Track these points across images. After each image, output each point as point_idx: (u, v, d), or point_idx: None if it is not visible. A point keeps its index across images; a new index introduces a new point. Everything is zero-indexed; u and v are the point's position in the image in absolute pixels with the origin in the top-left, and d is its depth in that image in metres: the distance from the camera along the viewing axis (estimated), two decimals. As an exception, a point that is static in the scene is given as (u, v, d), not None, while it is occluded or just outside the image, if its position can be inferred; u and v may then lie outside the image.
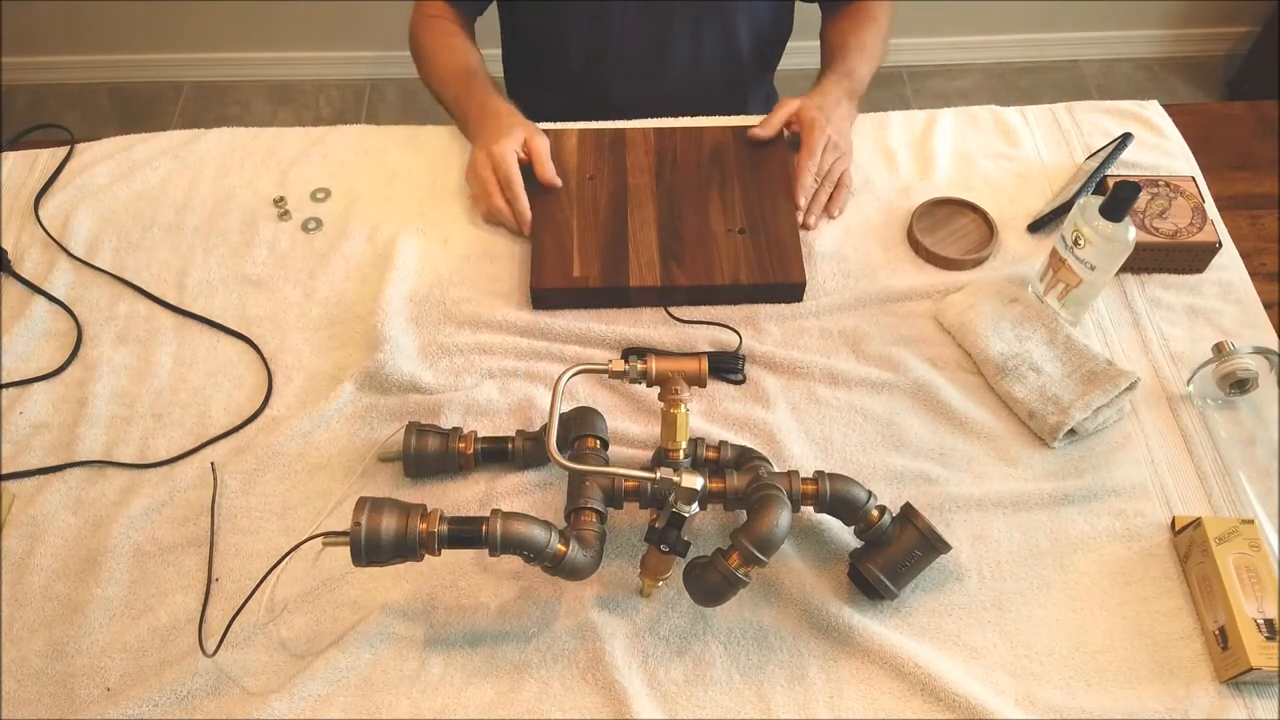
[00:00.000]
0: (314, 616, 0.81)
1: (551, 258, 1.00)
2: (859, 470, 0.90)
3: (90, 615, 0.81)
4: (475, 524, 0.73)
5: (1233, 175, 1.18)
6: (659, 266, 0.99)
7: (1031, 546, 0.86)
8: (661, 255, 1.00)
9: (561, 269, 0.99)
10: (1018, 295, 0.98)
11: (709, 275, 0.99)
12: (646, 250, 1.00)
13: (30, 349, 0.98)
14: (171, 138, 1.17)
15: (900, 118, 1.19)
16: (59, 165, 1.13)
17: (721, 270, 0.99)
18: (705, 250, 1.00)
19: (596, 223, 1.02)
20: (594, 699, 0.77)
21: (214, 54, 2.37)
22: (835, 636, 0.80)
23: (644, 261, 0.99)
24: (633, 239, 1.01)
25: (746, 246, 1.01)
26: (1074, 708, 0.77)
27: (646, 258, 1.00)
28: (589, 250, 1.00)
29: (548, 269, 0.99)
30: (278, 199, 1.09)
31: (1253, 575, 0.78)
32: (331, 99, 2.39)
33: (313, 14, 2.28)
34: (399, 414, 0.93)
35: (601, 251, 1.00)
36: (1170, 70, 2.47)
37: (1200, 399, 0.95)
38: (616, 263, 0.99)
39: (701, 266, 0.99)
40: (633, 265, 0.99)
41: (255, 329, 1.00)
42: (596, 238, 1.01)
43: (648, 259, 0.99)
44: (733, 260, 1.00)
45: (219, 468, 0.89)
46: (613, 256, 1.00)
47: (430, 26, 1.19)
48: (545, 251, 1.00)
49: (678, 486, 0.74)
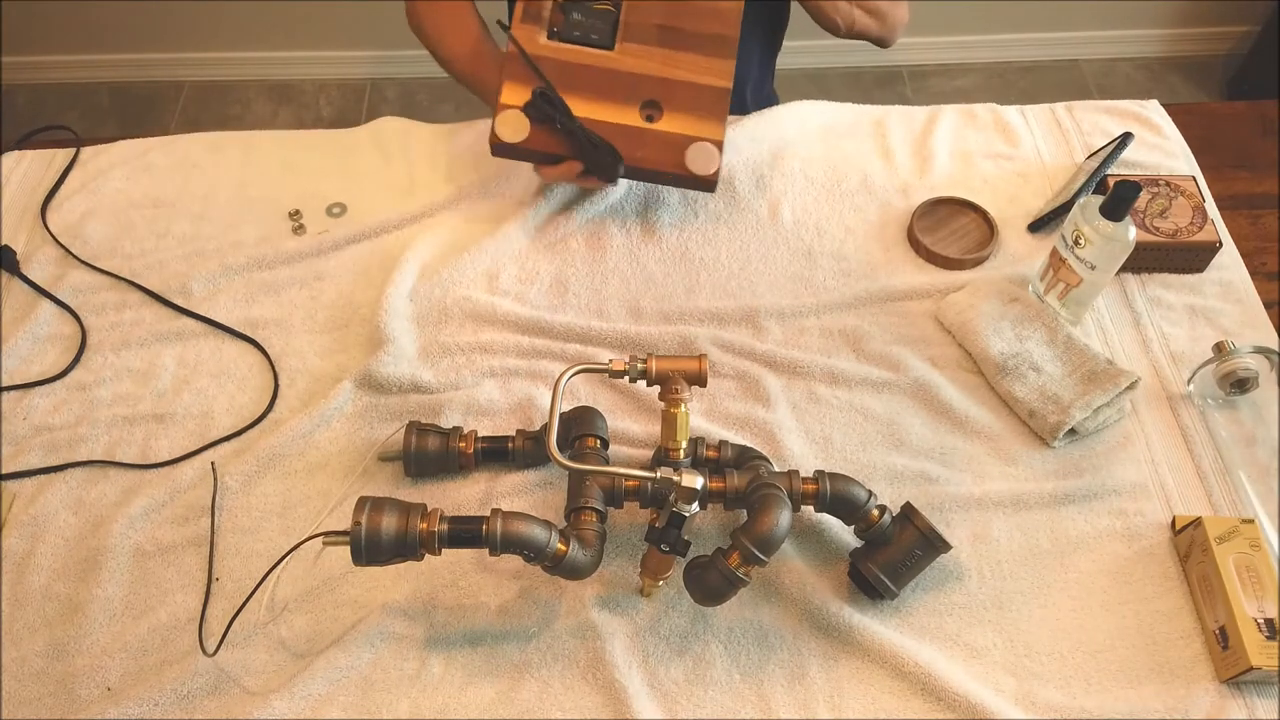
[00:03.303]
0: (314, 616, 0.81)
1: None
2: (859, 470, 0.90)
3: (91, 615, 0.81)
4: (475, 523, 0.73)
5: (1233, 175, 1.18)
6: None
7: (1032, 546, 0.86)
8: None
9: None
10: (1018, 295, 0.98)
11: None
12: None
13: (34, 351, 0.98)
14: (191, 143, 1.16)
15: (900, 117, 1.19)
16: (66, 167, 1.13)
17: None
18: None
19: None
20: (594, 698, 0.77)
21: (214, 54, 2.36)
22: (835, 636, 0.80)
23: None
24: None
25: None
26: (1074, 707, 0.77)
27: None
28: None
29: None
30: (293, 212, 1.09)
31: (1253, 575, 0.78)
32: (331, 99, 2.39)
33: (313, 14, 2.28)
34: (399, 414, 0.93)
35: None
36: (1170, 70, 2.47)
37: (1200, 399, 0.95)
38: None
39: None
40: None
41: (260, 331, 1.00)
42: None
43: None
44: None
45: (219, 468, 0.89)
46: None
47: (431, 7, 1.17)
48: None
49: (678, 486, 0.74)
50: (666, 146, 1.00)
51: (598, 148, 0.97)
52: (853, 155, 1.15)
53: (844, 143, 1.17)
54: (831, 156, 1.15)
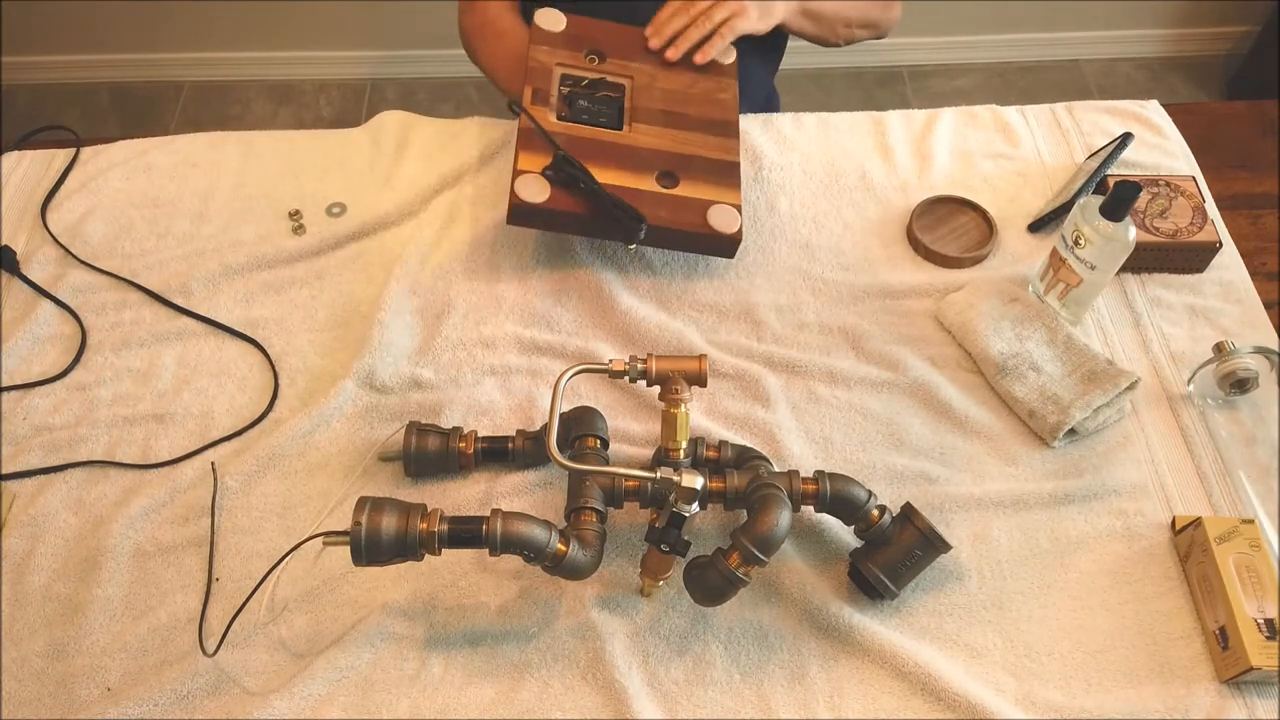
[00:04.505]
0: (314, 616, 0.81)
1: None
2: (859, 470, 0.90)
3: (91, 615, 0.81)
4: (475, 524, 0.73)
5: (1233, 175, 1.18)
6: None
7: (1032, 546, 0.86)
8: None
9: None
10: (1018, 295, 0.98)
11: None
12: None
13: (34, 351, 0.98)
14: (190, 142, 1.16)
15: (899, 117, 1.19)
16: (66, 167, 1.13)
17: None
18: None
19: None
20: (594, 699, 0.77)
21: (214, 54, 2.36)
22: (835, 636, 0.80)
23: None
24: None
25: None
26: (1074, 707, 0.77)
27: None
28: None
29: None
30: (293, 212, 1.09)
31: (1253, 575, 0.78)
32: (331, 99, 2.39)
33: (313, 14, 2.28)
34: (399, 414, 0.93)
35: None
36: (1170, 70, 2.47)
37: (1200, 399, 0.95)
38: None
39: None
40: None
41: (260, 331, 1.00)
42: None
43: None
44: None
45: (219, 468, 0.89)
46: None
47: (481, 32, 1.19)
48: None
49: (678, 486, 0.74)
50: (687, 208, 1.00)
51: (620, 208, 0.97)
52: (852, 153, 1.15)
53: (843, 140, 1.17)
54: (830, 153, 1.15)
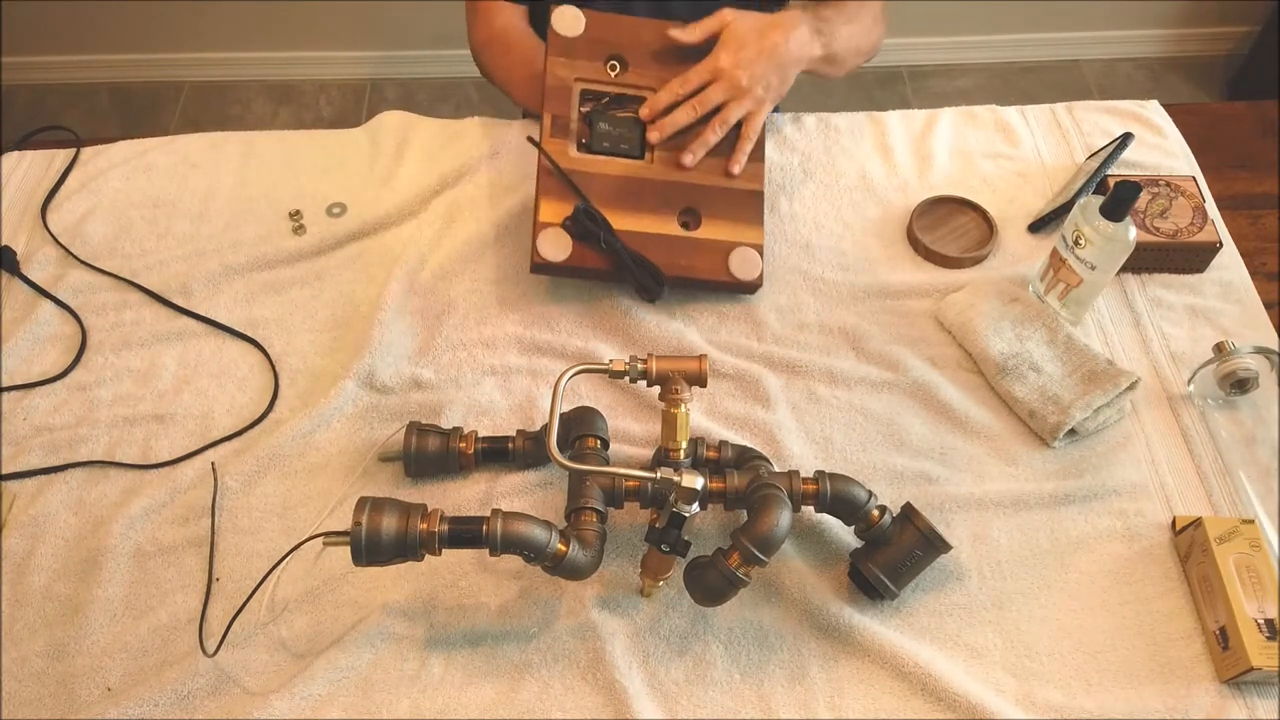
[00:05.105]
0: (314, 616, 0.81)
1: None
2: (859, 470, 0.90)
3: (91, 615, 0.81)
4: (475, 524, 0.73)
5: (1233, 175, 1.18)
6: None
7: (1032, 546, 0.86)
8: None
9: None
10: (1018, 295, 0.98)
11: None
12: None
13: (34, 351, 0.98)
14: (190, 143, 1.16)
15: (899, 117, 1.19)
16: (66, 167, 1.13)
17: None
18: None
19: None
20: (594, 699, 0.77)
21: (214, 54, 2.36)
22: (835, 636, 0.80)
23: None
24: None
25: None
26: (1074, 708, 0.77)
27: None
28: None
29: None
30: (294, 212, 1.09)
31: (1253, 575, 0.78)
32: (331, 99, 2.39)
33: (313, 14, 2.28)
34: (399, 414, 0.93)
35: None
36: (1170, 70, 2.47)
37: (1201, 399, 0.95)
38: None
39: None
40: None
41: (261, 331, 1.00)
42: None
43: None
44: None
45: (219, 468, 0.89)
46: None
47: (491, 46, 1.17)
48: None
49: (678, 486, 0.74)
50: (708, 254, 0.99)
51: (641, 266, 0.97)
52: (852, 153, 1.15)
53: (843, 140, 1.17)
54: (830, 153, 1.15)
